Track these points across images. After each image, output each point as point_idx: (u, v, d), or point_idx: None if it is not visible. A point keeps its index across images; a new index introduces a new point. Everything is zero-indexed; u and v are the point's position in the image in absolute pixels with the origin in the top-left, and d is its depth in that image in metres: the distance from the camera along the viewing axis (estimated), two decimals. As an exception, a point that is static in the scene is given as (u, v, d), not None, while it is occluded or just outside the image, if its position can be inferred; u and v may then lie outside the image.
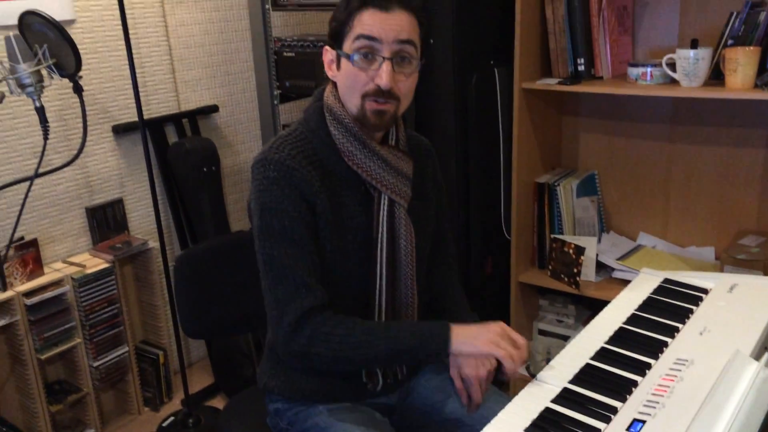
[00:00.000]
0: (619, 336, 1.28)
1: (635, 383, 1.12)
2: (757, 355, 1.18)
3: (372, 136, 1.29)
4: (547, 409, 1.07)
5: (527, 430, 1.03)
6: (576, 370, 1.18)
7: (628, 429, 1.00)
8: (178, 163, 2.53)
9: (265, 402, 1.44)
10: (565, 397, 1.10)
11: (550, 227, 2.30)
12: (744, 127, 2.10)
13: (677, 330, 1.28)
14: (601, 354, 1.22)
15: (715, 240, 2.22)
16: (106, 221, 2.43)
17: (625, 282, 2.08)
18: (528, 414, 1.07)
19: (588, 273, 2.18)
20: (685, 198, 2.25)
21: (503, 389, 1.44)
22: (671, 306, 1.38)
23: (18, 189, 2.18)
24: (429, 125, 2.20)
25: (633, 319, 1.34)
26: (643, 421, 1.01)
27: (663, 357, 1.19)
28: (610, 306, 1.41)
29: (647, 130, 2.27)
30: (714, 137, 2.16)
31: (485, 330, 1.23)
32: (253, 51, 2.58)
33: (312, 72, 2.37)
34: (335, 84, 1.29)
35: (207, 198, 2.56)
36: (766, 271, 1.89)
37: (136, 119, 2.26)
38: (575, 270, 2.15)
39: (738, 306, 1.34)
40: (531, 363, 2.40)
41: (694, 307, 1.36)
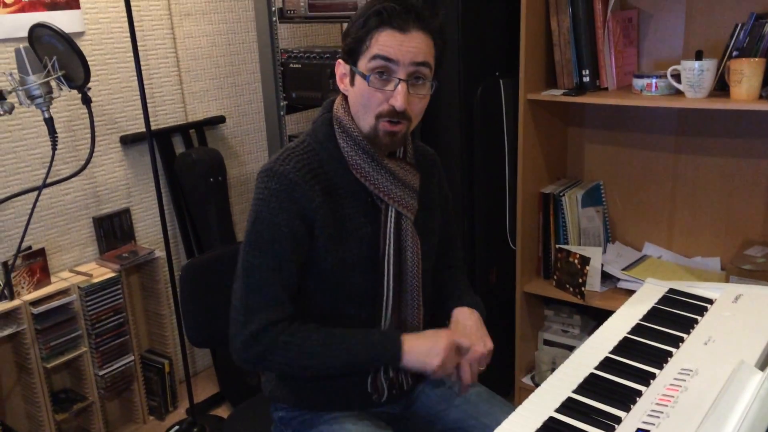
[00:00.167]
0: (624, 346, 1.28)
1: (639, 393, 1.12)
2: (762, 366, 1.17)
3: (380, 149, 1.30)
4: (551, 419, 1.07)
5: (531, 439, 1.03)
6: (580, 379, 1.17)
7: (631, 439, 1.00)
8: (184, 174, 2.54)
9: (270, 410, 1.44)
10: (569, 407, 1.10)
11: (555, 237, 2.30)
12: (749, 138, 2.10)
13: (682, 340, 1.27)
14: (606, 364, 1.22)
15: (721, 250, 2.22)
16: (113, 231, 2.44)
17: (631, 292, 2.07)
18: (532, 423, 1.06)
19: (593, 283, 2.18)
20: (691, 208, 2.25)
21: (508, 400, 1.44)
22: (676, 316, 1.37)
23: (26, 199, 2.20)
24: (434, 136, 2.21)
25: (638, 329, 1.34)
26: (647, 431, 1.01)
27: (667, 367, 1.19)
28: (614, 316, 1.41)
29: (652, 140, 2.27)
30: (719, 148, 2.16)
31: (435, 344, 1.26)
32: (260, 62, 2.60)
33: (318, 83, 2.39)
34: (345, 96, 1.30)
35: (213, 208, 2.58)
36: (772, 282, 1.88)
37: (143, 130, 2.28)
38: (580, 280, 2.15)
39: (743, 316, 1.34)
40: (536, 372, 2.40)
41: (698, 318, 1.36)
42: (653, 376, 1.16)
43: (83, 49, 1.82)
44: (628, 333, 1.32)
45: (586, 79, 2.12)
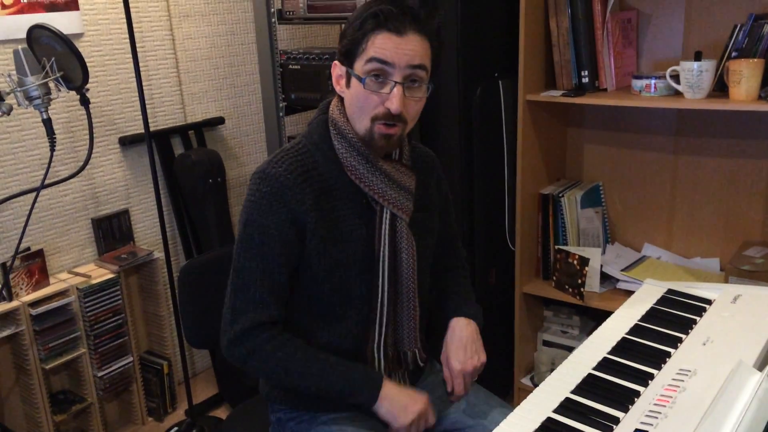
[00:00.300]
0: (622, 346, 1.28)
1: (638, 393, 1.12)
2: (760, 366, 1.17)
3: (376, 151, 1.30)
4: (549, 419, 1.07)
5: (529, 439, 1.03)
6: (578, 380, 1.17)
7: (630, 439, 1.00)
8: (183, 175, 2.54)
9: (268, 412, 1.44)
10: (567, 407, 1.10)
11: (554, 238, 2.29)
12: (748, 139, 2.10)
13: (680, 340, 1.27)
14: (604, 364, 1.22)
15: (720, 251, 2.22)
16: (111, 232, 2.44)
17: (630, 293, 2.06)
18: (530, 424, 1.06)
19: (592, 284, 2.18)
20: (690, 209, 2.25)
21: (507, 401, 1.44)
22: (674, 316, 1.37)
23: (25, 200, 2.19)
24: (433, 137, 2.21)
25: (636, 330, 1.33)
26: (645, 431, 1.01)
27: (666, 367, 1.19)
28: (613, 316, 1.41)
29: (651, 141, 2.27)
30: (718, 149, 2.16)
31: (411, 403, 1.27)
32: (259, 64, 2.60)
33: (317, 84, 2.39)
34: (341, 98, 1.30)
35: (212, 209, 2.58)
36: (771, 283, 1.88)
37: (142, 131, 2.28)
38: (580, 281, 2.15)
39: (741, 317, 1.34)
40: (535, 373, 2.40)
41: (697, 318, 1.35)
42: (651, 376, 1.16)
43: (82, 51, 1.83)
44: (626, 333, 1.32)
45: (585, 80, 2.12)
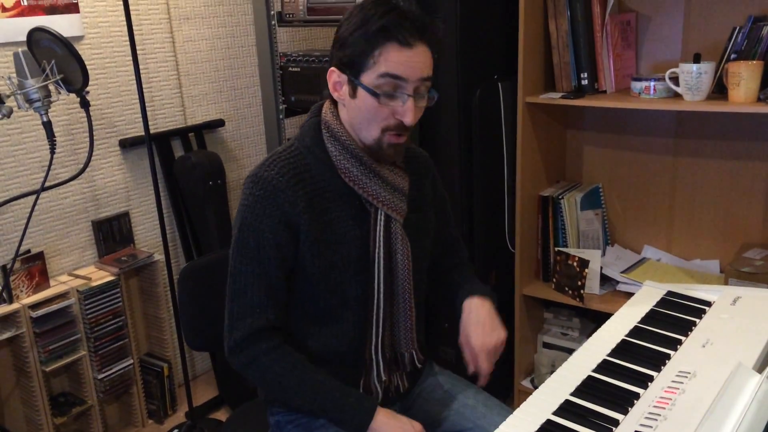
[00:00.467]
0: (622, 348, 1.28)
1: (637, 395, 1.12)
2: (760, 368, 1.17)
3: (383, 159, 1.30)
4: (549, 421, 1.07)
5: (528, 442, 1.03)
6: (578, 382, 1.17)
7: (629, 441, 1.00)
8: (184, 177, 2.55)
9: (267, 414, 1.44)
10: (567, 410, 1.10)
11: (554, 240, 2.29)
12: (747, 141, 2.10)
13: (680, 342, 1.27)
14: (603, 366, 1.22)
15: (720, 253, 2.22)
16: (112, 234, 2.44)
17: (630, 295, 2.06)
18: (529, 426, 1.06)
19: (592, 286, 2.18)
20: (690, 211, 2.25)
21: (507, 403, 1.44)
22: (674, 318, 1.37)
23: (25, 202, 2.20)
24: (433, 139, 2.21)
25: (635, 332, 1.33)
26: (645, 434, 1.01)
27: (665, 369, 1.19)
28: (612, 318, 1.41)
29: (651, 143, 2.27)
30: (718, 151, 2.16)
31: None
32: (259, 66, 2.61)
33: (317, 87, 2.39)
34: (334, 101, 1.30)
35: (212, 211, 2.58)
36: (771, 285, 1.88)
37: (142, 133, 2.28)
38: (579, 283, 2.15)
39: (741, 319, 1.34)
40: (535, 375, 2.40)
41: (697, 320, 1.35)
42: (651, 378, 1.16)
43: (83, 53, 1.83)
44: (626, 335, 1.32)
45: (584, 82, 2.12)
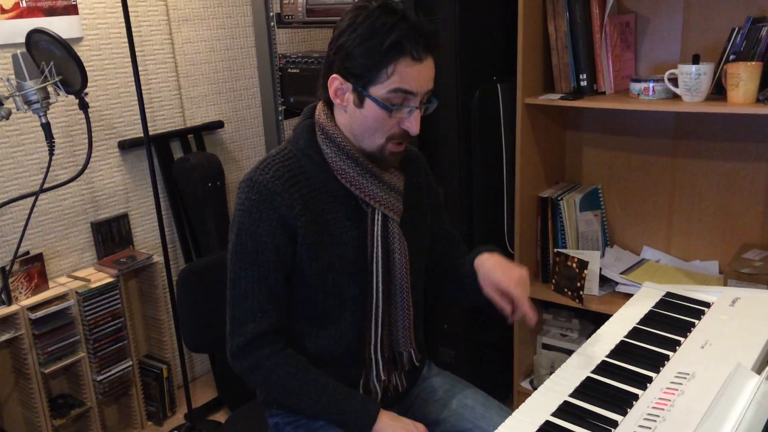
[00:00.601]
0: (621, 349, 1.28)
1: (636, 397, 1.12)
2: (759, 369, 1.17)
3: (384, 165, 1.30)
4: (548, 423, 1.07)
5: (527, 443, 1.03)
6: (577, 383, 1.17)
7: (628, 442, 1.00)
8: (183, 179, 2.55)
9: (266, 416, 1.44)
10: (566, 411, 1.10)
11: (553, 241, 2.29)
12: (747, 142, 2.10)
13: (679, 343, 1.27)
14: (602, 367, 1.22)
15: (719, 254, 2.21)
16: (111, 236, 2.44)
17: (629, 296, 2.06)
18: (528, 427, 1.06)
19: (591, 287, 2.18)
20: (689, 212, 2.25)
21: (506, 404, 1.43)
22: (673, 319, 1.37)
23: (24, 204, 2.20)
24: (433, 140, 2.21)
25: (634, 333, 1.33)
26: (644, 435, 1.01)
27: (664, 370, 1.19)
28: (611, 319, 1.41)
29: (650, 144, 2.27)
30: (717, 152, 2.16)
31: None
32: (258, 67, 2.61)
33: (316, 88, 2.38)
34: (327, 103, 1.30)
35: (212, 213, 2.58)
36: (770, 286, 1.88)
37: (141, 135, 2.28)
38: (579, 284, 2.15)
39: (740, 320, 1.34)
40: (535, 377, 2.39)
41: (695, 321, 1.35)
42: (650, 379, 1.16)
43: (81, 55, 1.83)
44: (624, 337, 1.32)
45: (583, 83, 2.13)
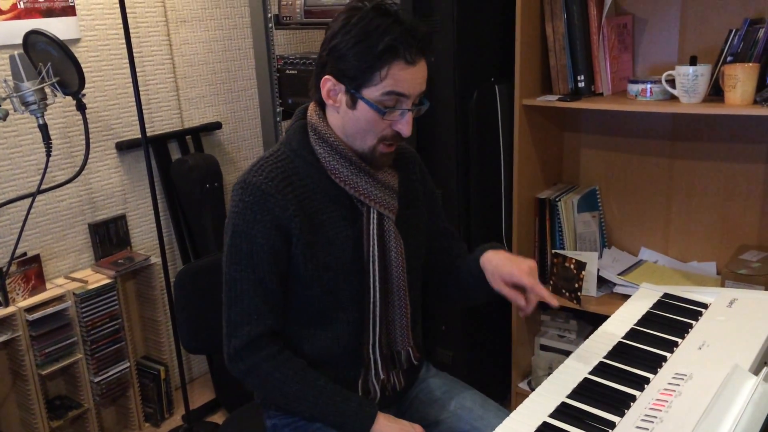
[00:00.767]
0: (618, 350, 1.28)
1: (633, 398, 1.12)
2: (756, 370, 1.18)
3: (375, 166, 1.30)
4: (545, 424, 1.07)
5: (524, 444, 1.03)
6: (574, 384, 1.17)
7: (625, 443, 1.00)
8: (180, 180, 2.54)
9: (263, 418, 1.44)
10: (563, 412, 1.10)
11: (551, 242, 2.30)
12: (744, 143, 2.10)
13: (676, 344, 1.27)
14: (600, 368, 1.22)
15: (717, 255, 2.22)
16: (108, 237, 2.44)
17: (627, 297, 2.06)
18: (526, 428, 1.06)
19: (589, 288, 2.18)
20: (686, 213, 2.25)
21: (504, 405, 1.43)
22: (670, 321, 1.37)
23: (21, 205, 2.19)
24: (430, 141, 2.21)
25: (632, 334, 1.33)
26: (641, 436, 1.01)
27: (662, 371, 1.19)
28: (609, 321, 1.41)
29: (648, 145, 2.28)
30: (714, 153, 2.16)
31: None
32: (256, 69, 2.60)
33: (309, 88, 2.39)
34: (319, 103, 1.31)
35: (209, 214, 2.57)
36: (767, 287, 1.88)
37: (139, 136, 2.28)
38: (576, 285, 2.15)
39: (737, 320, 1.34)
40: (532, 378, 2.39)
41: (693, 322, 1.35)
42: (647, 380, 1.16)
43: (79, 56, 1.83)
44: (622, 338, 1.32)
45: (581, 85, 2.13)
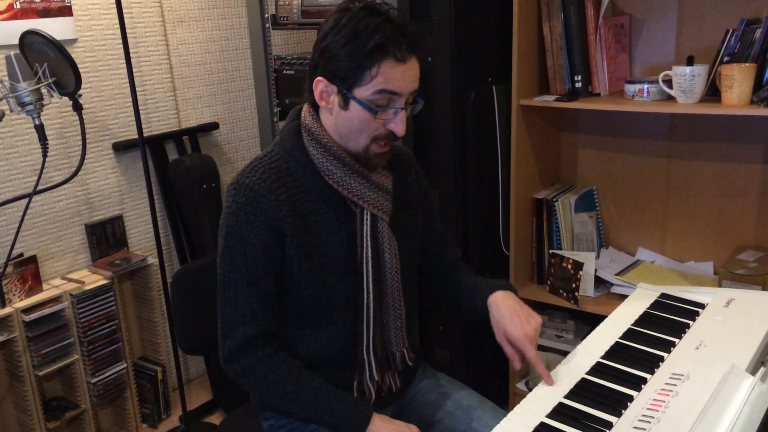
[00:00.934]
0: (615, 351, 1.28)
1: (631, 398, 1.12)
2: (753, 370, 1.18)
3: (369, 167, 1.30)
4: (542, 424, 1.07)
5: (522, 445, 1.02)
6: (572, 384, 1.17)
7: (622, 444, 1.00)
8: (178, 180, 2.54)
9: (260, 419, 1.44)
10: (560, 412, 1.10)
11: (548, 243, 2.30)
12: (741, 143, 2.11)
13: (673, 345, 1.27)
14: (597, 369, 1.22)
15: (714, 255, 2.22)
16: (105, 238, 2.43)
17: (624, 297, 2.05)
18: (523, 429, 1.06)
19: (587, 288, 2.18)
20: (684, 213, 2.26)
21: (502, 405, 1.43)
22: (668, 321, 1.37)
23: (17, 206, 2.19)
24: (427, 142, 2.21)
25: (629, 334, 1.33)
26: (638, 436, 1.01)
27: (659, 371, 1.19)
28: (606, 321, 1.41)
29: (645, 145, 2.28)
30: (711, 153, 2.16)
31: None
32: (253, 69, 2.60)
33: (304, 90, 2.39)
34: (312, 104, 1.31)
35: (206, 214, 2.57)
36: (764, 286, 1.88)
37: (136, 136, 2.28)
38: (574, 285, 2.15)
39: (734, 320, 1.34)
40: (530, 378, 2.39)
41: (690, 322, 1.36)
42: (645, 380, 1.16)
43: (76, 56, 1.82)
44: (619, 338, 1.32)
45: (578, 85, 2.13)
